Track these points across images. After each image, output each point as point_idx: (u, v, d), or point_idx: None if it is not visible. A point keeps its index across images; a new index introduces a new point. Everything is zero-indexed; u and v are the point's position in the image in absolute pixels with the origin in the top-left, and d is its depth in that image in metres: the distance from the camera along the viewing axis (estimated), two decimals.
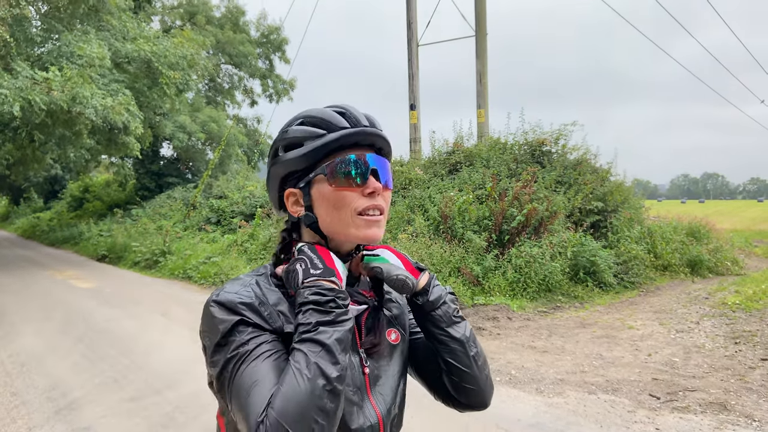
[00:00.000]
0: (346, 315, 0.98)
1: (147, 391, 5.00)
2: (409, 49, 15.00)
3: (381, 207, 1.10)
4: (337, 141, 1.07)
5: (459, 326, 1.17)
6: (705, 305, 8.24)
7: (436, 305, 1.15)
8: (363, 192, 1.08)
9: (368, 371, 1.11)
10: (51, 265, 15.13)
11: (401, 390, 1.19)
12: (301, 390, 0.88)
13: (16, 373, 5.62)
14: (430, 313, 1.15)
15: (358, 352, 1.11)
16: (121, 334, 7.22)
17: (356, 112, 1.11)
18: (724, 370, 5.35)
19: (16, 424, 4.34)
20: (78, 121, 13.88)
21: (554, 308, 8.31)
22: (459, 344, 1.16)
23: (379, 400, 1.11)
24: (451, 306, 1.17)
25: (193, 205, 18.64)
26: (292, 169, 1.11)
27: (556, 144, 12.15)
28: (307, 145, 1.08)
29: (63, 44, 14.15)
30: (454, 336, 1.15)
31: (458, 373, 1.17)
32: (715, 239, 13.19)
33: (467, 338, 1.17)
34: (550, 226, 9.69)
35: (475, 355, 1.17)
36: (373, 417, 1.08)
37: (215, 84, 29.95)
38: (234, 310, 1.01)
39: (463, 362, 1.16)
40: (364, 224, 1.08)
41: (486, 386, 1.21)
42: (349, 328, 0.97)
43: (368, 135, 1.10)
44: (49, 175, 33.41)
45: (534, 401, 4.65)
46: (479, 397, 1.20)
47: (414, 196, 11.64)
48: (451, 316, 1.16)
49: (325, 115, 1.09)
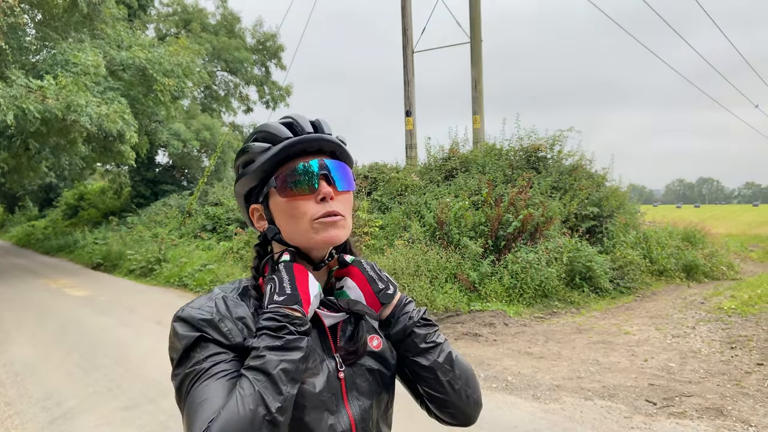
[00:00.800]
0: (298, 342, 0.96)
1: (141, 400, 4.97)
2: (404, 56, 15.05)
3: (336, 211, 1.09)
4: (283, 152, 1.08)
5: (430, 353, 1.14)
6: (701, 310, 8.25)
7: (401, 337, 1.14)
8: (315, 199, 1.08)
9: (343, 376, 1.10)
10: (45, 274, 15.06)
11: (383, 394, 1.17)
12: (240, 417, 0.89)
13: (10, 383, 5.58)
14: (397, 343, 1.15)
15: (333, 357, 1.11)
16: (115, 343, 7.18)
17: (302, 120, 1.12)
18: (720, 375, 5.35)
19: None
20: (73, 129, 13.86)
21: (550, 314, 8.31)
22: (430, 372, 1.13)
23: (355, 405, 1.10)
24: (419, 334, 1.14)
25: (188, 212, 18.59)
26: (250, 186, 1.14)
27: (551, 150, 12.19)
28: (257, 161, 1.10)
29: (58, 52, 14.15)
30: (423, 364, 1.13)
31: (434, 398, 1.16)
32: (711, 244, 13.22)
33: (438, 365, 1.14)
34: (546, 231, 9.71)
35: (451, 380, 1.15)
36: (346, 423, 1.07)
37: (211, 91, 29.97)
38: (195, 326, 1.02)
39: (436, 389, 1.14)
40: (322, 227, 1.08)
41: (467, 407, 1.19)
42: (300, 357, 0.96)
43: (312, 141, 1.10)
44: (43, 183, 33.32)
45: (530, 407, 4.63)
46: (462, 417, 1.20)
47: (410, 203, 11.64)
48: (417, 346, 1.13)
49: (271, 128, 1.11)
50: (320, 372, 1.07)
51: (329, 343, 1.12)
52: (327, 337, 1.12)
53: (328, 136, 1.12)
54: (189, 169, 26.48)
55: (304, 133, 1.10)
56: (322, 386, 1.06)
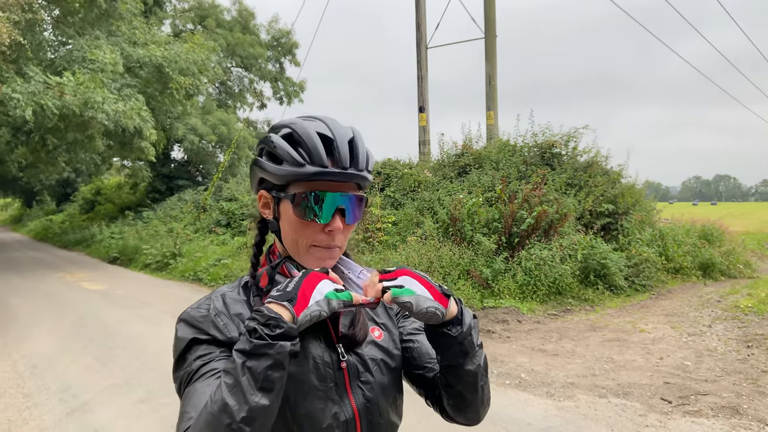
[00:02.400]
0: (267, 348, 0.90)
1: (158, 393, 5.03)
2: (418, 52, 15.00)
3: (336, 244, 1.12)
4: (313, 177, 1.07)
5: (477, 356, 1.12)
6: (717, 308, 8.17)
7: (467, 336, 1.08)
8: (324, 228, 1.10)
9: (346, 365, 1.11)
10: (63, 267, 15.26)
11: (389, 384, 1.18)
12: (210, 422, 0.89)
13: (28, 375, 5.67)
14: (459, 343, 1.08)
15: (335, 347, 1.12)
16: (132, 336, 7.27)
17: (342, 142, 1.09)
18: (736, 374, 5.30)
19: (28, 425, 4.38)
20: (90, 125, 14.01)
21: (564, 311, 8.27)
22: (472, 376, 1.12)
23: (358, 395, 1.11)
24: (475, 335, 1.11)
25: (203, 207, 18.72)
26: (270, 181, 1.13)
27: (566, 146, 12.10)
28: (284, 166, 1.08)
29: (75, 49, 14.29)
30: (469, 369, 1.11)
31: (461, 399, 1.16)
32: (728, 242, 13.08)
33: (481, 369, 1.13)
34: (560, 228, 9.65)
35: (483, 385, 1.16)
36: (349, 412, 1.09)
37: (226, 87, 30.11)
38: (192, 325, 1.07)
39: (469, 391, 1.14)
40: (318, 254, 1.12)
41: (483, 408, 1.21)
42: (268, 365, 0.89)
43: (345, 177, 1.09)
44: (61, 178, 33.65)
45: (544, 404, 4.63)
46: (473, 418, 1.21)
47: (423, 199, 11.63)
48: (474, 346, 1.10)
49: (309, 141, 1.07)
50: (322, 361, 1.09)
51: (330, 333, 1.13)
52: (328, 327, 1.13)
53: (361, 173, 1.10)
54: (204, 164, 26.65)
55: (341, 163, 1.07)
56: (325, 376, 1.08)
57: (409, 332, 1.27)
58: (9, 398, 5.00)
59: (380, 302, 1.04)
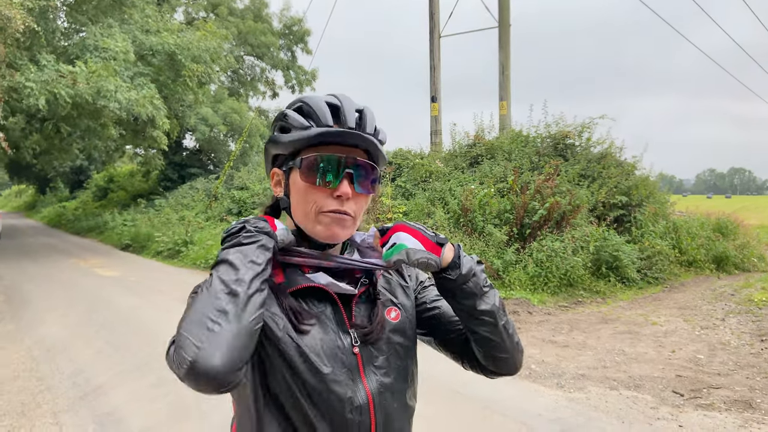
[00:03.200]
0: (251, 237, 1.02)
1: (170, 378, 5.05)
2: (431, 41, 14.90)
3: (346, 211, 1.10)
4: (317, 138, 1.08)
5: (489, 296, 1.13)
6: (731, 302, 8.10)
7: (468, 279, 1.11)
8: (332, 193, 1.09)
9: (359, 351, 1.11)
10: (76, 254, 15.40)
11: (404, 366, 1.17)
12: (201, 299, 0.94)
13: (42, 359, 5.73)
14: (461, 287, 1.11)
15: (348, 332, 1.11)
16: (144, 322, 7.33)
17: (348, 109, 1.10)
18: (749, 368, 5.25)
19: (41, 408, 4.43)
20: (103, 113, 14.07)
21: (575, 303, 8.23)
22: (489, 315, 1.13)
23: (372, 380, 1.11)
24: (480, 276, 1.13)
25: (214, 196, 18.80)
26: (279, 152, 1.15)
27: (580, 137, 12.00)
28: (293, 133, 1.10)
29: (88, 37, 14.32)
30: (484, 309, 1.12)
31: (488, 343, 1.16)
32: (742, 235, 12.95)
33: (497, 308, 1.14)
34: (572, 220, 9.58)
35: (505, 324, 1.16)
36: (363, 397, 1.08)
37: (238, 75, 30.11)
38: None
39: (493, 333, 1.14)
40: (327, 221, 1.10)
41: (516, 352, 1.20)
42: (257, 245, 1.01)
43: (350, 137, 1.09)
44: (74, 165, 33.93)
45: (554, 396, 4.61)
46: (510, 363, 1.21)
47: (434, 189, 11.59)
48: (481, 287, 1.12)
49: (315, 106, 1.10)
50: (335, 347, 1.08)
51: (343, 318, 1.12)
52: (341, 312, 1.12)
53: (368, 136, 1.10)
54: (215, 153, 26.73)
55: (346, 124, 1.09)
56: (338, 361, 1.07)
57: (431, 300, 1.28)
58: (23, 381, 5.05)
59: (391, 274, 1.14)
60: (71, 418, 4.23)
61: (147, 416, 4.24)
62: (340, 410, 1.06)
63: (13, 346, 6.23)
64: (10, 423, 4.14)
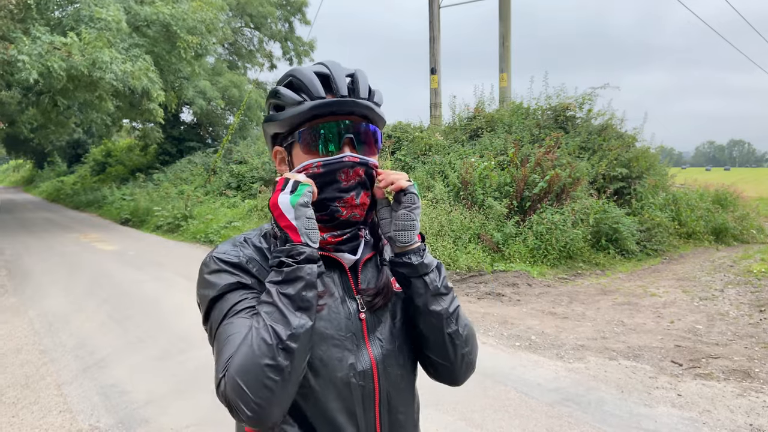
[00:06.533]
0: (297, 272, 0.97)
1: (172, 351, 5.10)
2: (430, 11, 14.69)
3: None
4: (311, 111, 1.07)
5: (443, 300, 1.11)
6: (729, 273, 8.13)
7: (427, 271, 1.11)
8: None
9: (365, 317, 1.11)
10: (75, 228, 15.40)
11: (409, 335, 1.17)
12: (255, 349, 0.93)
13: (44, 332, 5.77)
14: (420, 278, 1.10)
15: (354, 298, 1.12)
16: (145, 296, 7.36)
17: (338, 76, 1.09)
18: (748, 338, 5.29)
19: (45, 380, 4.47)
20: (99, 85, 13.91)
21: (575, 275, 8.26)
22: (436, 318, 1.11)
23: (376, 346, 1.11)
24: (440, 276, 1.13)
25: (213, 170, 18.73)
26: (276, 131, 1.14)
27: (581, 109, 11.91)
28: (287, 111, 1.10)
29: (83, 7, 14.09)
30: (433, 309, 1.11)
31: (429, 346, 1.15)
32: (741, 207, 12.96)
33: (448, 314, 1.12)
34: (572, 192, 9.57)
35: (452, 334, 1.13)
36: (366, 362, 1.08)
37: (236, 47, 29.73)
38: (224, 270, 1.08)
39: (436, 337, 1.13)
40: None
41: (459, 367, 1.17)
42: (302, 286, 0.97)
43: (344, 106, 1.08)
44: (71, 140, 33.69)
45: (554, 366, 4.65)
46: (449, 375, 1.19)
47: (434, 162, 11.54)
48: (437, 287, 1.11)
49: (305, 79, 1.09)
50: (341, 312, 1.09)
51: (350, 284, 1.13)
52: (348, 278, 1.13)
53: (362, 101, 1.09)
54: (214, 126, 26.54)
55: (339, 93, 1.08)
56: (342, 326, 1.08)
57: None
58: (26, 354, 5.09)
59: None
60: (75, 389, 4.27)
61: (151, 388, 4.28)
62: (344, 375, 1.06)
63: (16, 319, 6.26)
64: (14, 395, 4.18)
